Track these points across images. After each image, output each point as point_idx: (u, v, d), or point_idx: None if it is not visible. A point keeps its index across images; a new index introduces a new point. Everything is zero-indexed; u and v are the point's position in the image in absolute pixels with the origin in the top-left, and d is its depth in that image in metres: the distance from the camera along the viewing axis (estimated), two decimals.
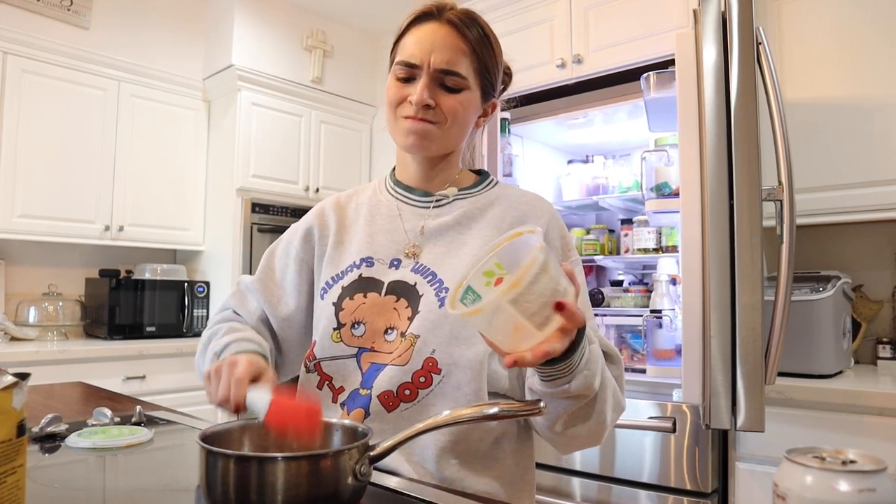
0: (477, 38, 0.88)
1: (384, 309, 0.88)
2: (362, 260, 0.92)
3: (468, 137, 0.97)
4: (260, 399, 0.69)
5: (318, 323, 0.93)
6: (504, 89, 1.01)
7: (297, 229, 1.02)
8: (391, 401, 0.83)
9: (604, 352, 0.84)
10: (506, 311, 0.58)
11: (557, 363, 0.67)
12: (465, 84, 0.87)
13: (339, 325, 0.89)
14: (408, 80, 0.88)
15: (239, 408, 0.71)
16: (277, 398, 0.69)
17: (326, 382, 0.89)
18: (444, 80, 0.87)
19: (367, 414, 0.84)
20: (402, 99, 0.88)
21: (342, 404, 0.87)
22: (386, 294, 0.89)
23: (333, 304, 0.90)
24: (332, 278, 0.93)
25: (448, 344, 0.83)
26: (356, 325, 0.88)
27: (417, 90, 0.86)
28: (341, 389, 0.88)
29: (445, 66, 0.86)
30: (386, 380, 0.84)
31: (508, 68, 1.00)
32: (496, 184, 1.00)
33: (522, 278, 0.58)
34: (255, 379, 0.74)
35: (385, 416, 0.83)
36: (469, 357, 0.82)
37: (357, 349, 0.87)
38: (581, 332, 0.67)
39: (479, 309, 0.59)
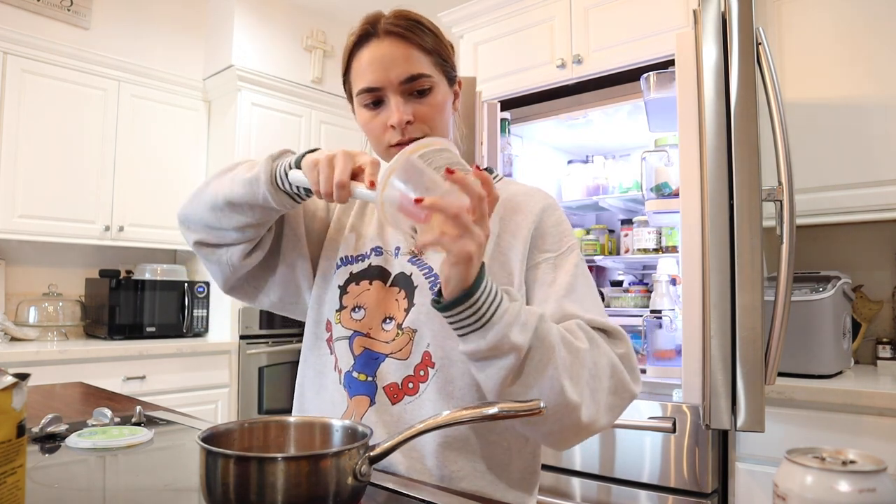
0: (421, 35, 0.87)
1: (386, 298, 0.89)
2: (372, 250, 0.94)
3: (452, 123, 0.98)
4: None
5: (320, 303, 0.95)
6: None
7: None
8: (396, 393, 0.84)
9: (604, 330, 0.82)
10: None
11: (453, 307, 0.67)
12: (432, 82, 0.87)
13: (342, 307, 0.91)
14: (376, 103, 0.87)
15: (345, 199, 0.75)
16: None
17: (335, 363, 0.91)
18: (413, 88, 0.86)
19: (371, 402, 0.85)
20: (382, 128, 0.87)
21: (345, 386, 0.88)
22: (391, 285, 0.90)
23: (339, 286, 0.93)
24: (345, 259, 0.95)
25: (442, 337, 0.83)
26: (356, 309, 0.90)
27: (393, 112, 0.85)
28: (340, 371, 0.89)
29: (408, 75, 0.85)
30: (391, 372, 0.85)
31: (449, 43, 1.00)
32: (499, 180, 1.00)
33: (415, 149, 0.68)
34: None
35: (389, 409, 0.84)
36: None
37: (352, 332, 0.89)
38: (478, 283, 0.67)
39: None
